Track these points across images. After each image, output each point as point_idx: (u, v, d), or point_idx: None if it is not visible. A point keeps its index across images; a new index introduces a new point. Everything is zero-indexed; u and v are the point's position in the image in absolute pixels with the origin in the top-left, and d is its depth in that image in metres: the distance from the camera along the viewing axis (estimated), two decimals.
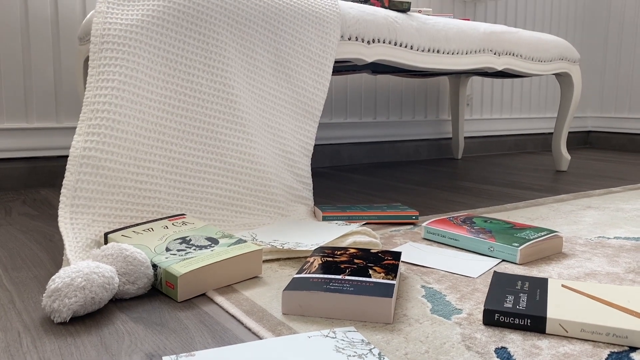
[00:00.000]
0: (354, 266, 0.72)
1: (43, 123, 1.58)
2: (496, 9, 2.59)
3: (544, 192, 1.54)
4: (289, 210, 1.13)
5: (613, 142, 2.98)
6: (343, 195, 1.47)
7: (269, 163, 1.13)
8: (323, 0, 1.25)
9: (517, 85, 2.75)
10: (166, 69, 1.03)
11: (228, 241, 0.81)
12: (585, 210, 1.27)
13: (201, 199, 1.03)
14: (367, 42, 1.32)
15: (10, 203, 1.35)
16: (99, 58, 0.98)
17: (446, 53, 1.49)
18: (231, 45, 1.10)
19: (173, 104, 1.03)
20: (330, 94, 2.12)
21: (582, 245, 0.96)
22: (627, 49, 2.89)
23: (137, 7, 1.03)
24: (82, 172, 0.90)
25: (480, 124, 2.60)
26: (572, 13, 2.92)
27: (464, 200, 1.42)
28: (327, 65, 1.23)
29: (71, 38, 1.59)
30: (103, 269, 0.66)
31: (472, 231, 0.95)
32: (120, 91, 0.96)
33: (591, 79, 3.06)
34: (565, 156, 2.00)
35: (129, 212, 0.93)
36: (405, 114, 2.34)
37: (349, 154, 2.19)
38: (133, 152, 0.95)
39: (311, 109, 1.22)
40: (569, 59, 1.89)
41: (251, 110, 1.12)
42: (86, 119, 0.94)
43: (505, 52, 1.65)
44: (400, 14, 1.40)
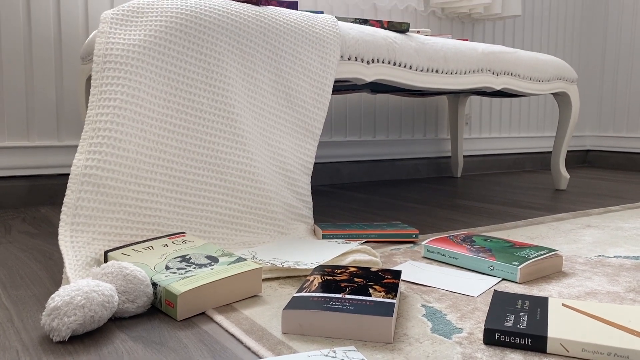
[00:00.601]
0: (354, 285, 0.72)
1: (44, 141, 1.58)
2: (494, 29, 2.62)
3: (544, 211, 1.54)
4: (289, 229, 1.13)
5: (611, 161, 2.99)
6: (343, 214, 1.48)
7: (269, 181, 1.13)
8: (323, 21, 1.26)
9: (515, 105, 2.76)
10: (168, 88, 1.04)
11: (228, 259, 0.81)
12: (585, 229, 1.27)
13: (201, 217, 1.03)
14: (367, 62, 1.33)
15: (10, 221, 1.35)
16: (101, 77, 0.99)
17: (445, 73, 1.51)
18: (232, 65, 1.11)
19: (174, 122, 1.03)
20: (330, 112, 2.13)
21: (582, 264, 0.96)
22: (624, 69, 2.92)
23: (139, 27, 1.04)
24: (83, 190, 0.90)
25: (479, 143, 2.62)
26: (569, 33, 2.95)
27: (463, 219, 1.42)
28: (327, 85, 1.24)
29: (73, 57, 1.61)
30: (103, 287, 0.65)
31: (472, 250, 0.95)
32: (122, 110, 0.97)
33: (589, 99, 3.09)
34: (564, 175, 2.01)
35: (129, 230, 0.93)
36: (404, 132, 2.36)
37: (348, 172, 2.20)
38: (134, 171, 0.96)
39: (311, 128, 1.23)
40: (566, 79, 1.91)
41: (252, 129, 1.13)
42: (88, 137, 0.94)
43: (503, 72, 1.67)
44: (399, 35, 1.42)
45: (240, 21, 1.12)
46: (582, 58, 3.04)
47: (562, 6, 2.89)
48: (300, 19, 1.23)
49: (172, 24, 1.05)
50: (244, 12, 1.14)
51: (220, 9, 1.11)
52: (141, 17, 1.06)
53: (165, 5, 1.07)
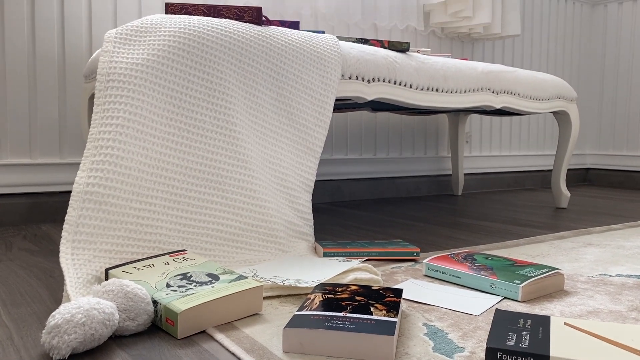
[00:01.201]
0: (355, 303, 0.71)
1: (46, 159, 1.59)
2: (493, 49, 2.64)
3: (545, 229, 1.54)
4: (290, 246, 1.13)
5: (612, 179, 3.00)
6: (344, 231, 1.47)
7: (270, 199, 1.13)
8: (324, 41, 1.28)
9: (515, 123, 2.78)
10: (170, 107, 1.04)
11: (229, 277, 0.81)
12: (586, 248, 1.27)
13: (202, 234, 1.03)
14: (368, 81, 1.34)
15: (11, 238, 1.35)
16: (104, 95, 1.00)
17: (445, 92, 1.52)
18: (234, 83, 1.12)
19: (176, 140, 1.04)
20: (331, 130, 2.14)
21: (583, 283, 0.96)
22: (623, 88, 2.94)
23: (143, 46, 1.06)
24: (84, 207, 0.90)
25: (479, 161, 2.62)
26: (568, 53, 2.97)
27: (464, 237, 1.42)
28: (328, 103, 1.25)
29: (76, 76, 1.63)
30: (103, 305, 0.65)
31: (473, 268, 0.95)
32: (124, 128, 0.97)
33: (589, 117, 3.10)
34: (565, 193, 2.01)
35: (130, 247, 0.93)
36: (405, 150, 2.36)
37: (349, 190, 2.20)
38: (136, 188, 0.96)
39: (312, 146, 1.23)
40: (566, 98, 1.92)
41: (253, 147, 1.13)
42: (90, 155, 0.95)
43: (503, 90, 1.68)
44: (400, 54, 1.43)
45: (243, 41, 1.14)
46: (582, 77, 3.06)
47: (561, 26, 2.92)
48: (301, 38, 1.24)
49: (176, 43, 1.06)
50: (246, 32, 1.15)
51: (223, 29, 1.12)
52: (145, 37, 1.07)
53: (168, 25, 1.08)
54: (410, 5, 2.21)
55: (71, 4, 1.60)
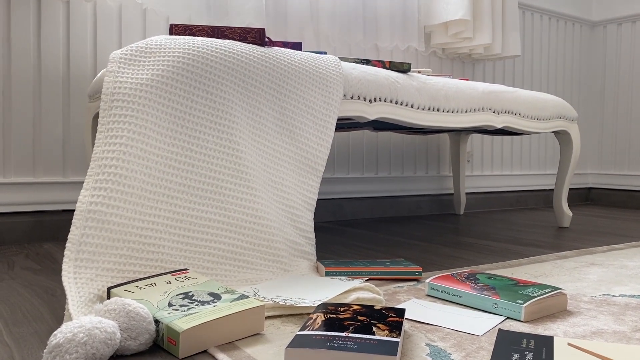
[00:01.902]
0: (357, 323, 0.71)
1: (49, 177, 1.60)
2: (494, 69, 2.66)
3: (547, 249, 1.54)
4: (292, 265, 1.13)
5: (614, 198, 2.99)
6: (346, 251, 1.47)
7: (272, 217, 1.14)
8: (326, 62, 1.29)
9: (516, 142, 2.79)
10: (174, 126, 1.05)
11: (230, 297, 0.80)
12: (589, 267, 1.27)
13: (204, 253, 1.03)
14: (369, 100, 1.35)
15: (14, 257, 1.35)
16: (108, 115, 1.01)
17: (446, 111, 1.53)
18: (237, 103, 1.13)
19: (179, 159, 1.05)
20: (333, 149, 2.15)
21: (587, 303, 0.95)
22: (624, 107, 2.95)
23: (147, 66, 1.07)
24: (87, 226, 0.90)
25: (481, 180, 2.62)
26: (569, 73, 3.00)
27: (467, 257, 1.41)
28: (330, 123, 1.26)
29: (81, 96, 1.64)
30: (105, 324, 0.65)
31: (476, 288, 0.94)
32: (128, 147, 0.98)
33: (590, 137, 3.11)
34: (567, 213, 2.01)
35: (132, 266, 0.93)
36: (406, 169, 2.37)
37: (351, 209, 2.20)
38: (138, 207, 0.97)
39: (314, 165, 1.24)
40: (567, 118, 1.93)
41: (256, 166, 1.14)
42: (94, 173, 0.96)
43: (504, 110, 1.69)
44: (401, 74, 1.45)
45: (246, 61, 1.15)
46: (582, 97, 3.08)
47: (561, 46, 2.95)
48: (304, 59, 1.25)
49: (180, 63, 1.08)
50: (249, 53, 1.16)
51: (226, 49, 1.14)
52: (149, 57, 1.09)
53: (172, 46, 1.10)
54: (411, 26, 2.24)
55: (77, 25, 1.62)
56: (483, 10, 2.28)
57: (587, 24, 3.06)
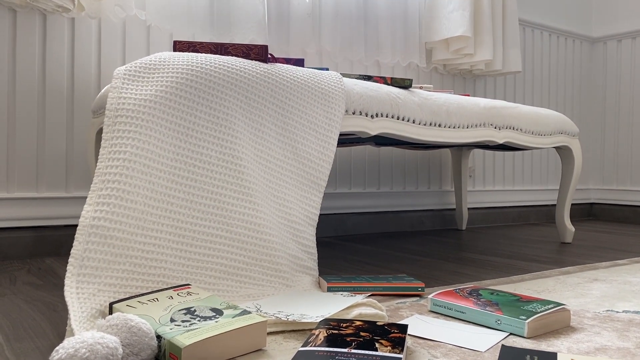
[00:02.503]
0: (360, 339, 0.71)
1: (52, 193, 1.60)
2: (495, 85, 2.68)
3: (550, 264, 1.53)
4: (294, 281, 1.13)
5: (616, 214, 2.99)
6: (348, 266, 1.47)
7: (274, 232, 1.14)
8: (329, 78, 1.30)
9: (518, 157, 2.79)
10: (177, 141, 1.06)
11: (232, 312, 0.80)
12: (592, 283, 1.26)
13: (206, 268, 1.03)
14: (371, 116, 1.36)
15: (16, 272, 1.35)
16: (112, 130, 1.01)
17: (447, 127, 1.54)
18: (240, 119, 1.14)
19: (182, 174, 1.05)
20: (335, 165, 2.16)
21: (590, 319, 0.95)
22: (625, 122, 2.96)
23: (151, 82, 1.08)
24: (90, 241, 0.91)
25: (483, 196, 2.62)
26: (569, 88, 3.01)
27: (469, 272, 1.41)
28: (332, 138, 1.27)
29: (84, 111, 1.65)
30: (107, 340, 0.65)
31: (478, 303, 0.94)
32: (131, 162, 0.99)
33: (591, 152, 3.12)
34: (570, 228, 2.00)
35: (134, 281, 0.93)
36: (408, 184, 2.37)
37: (353, 224, 2.20)
38: (141, 222, 0.97)
39: (316, 180, 1.24)
40: (568, 133, 1.93)
41: (258, 181, 1.14)
42: (97, 189, 0.96)
43: (505, 126, 1.70)
44: (403, 90, 1.46)
45: (249, 77, 1.16)
46: (583, 112, 3.09)
47: (562, 62, 2.97)
48: (306, 75, 1.27)
49: (183, 79, 1.09)
50: (252, 69, 1.18)
51: (229, 66, 1.15)
52: (153, 73, 1.10)
53: (176, 62, 1.11)
54: (413, 43, 2.26)
55: (81, 41, 1.64)
56: (484, 27, 2.30)
57: (587, 40, 3.09)
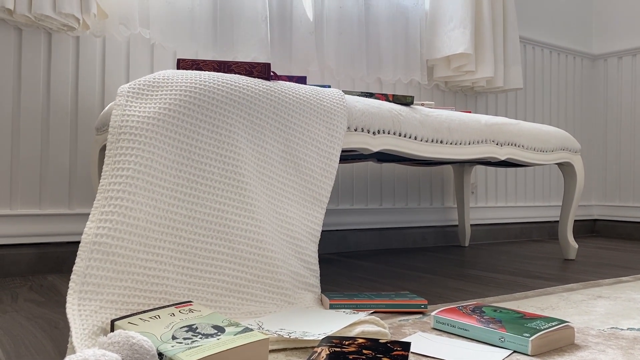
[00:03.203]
0: (362, 357, 0.70)
1: (55, 209, 1.61)
2: (497, 101, 2.69)
3: (553, 281, 1.52)
4: (296, 298, 1.13)
5: (620, 230, 2.98)
6: (350, 283, 1.46)
7: (276, 249, 1.14)
8: (331, 95, 1.31)
9: (520, 174, 2.79)
10: (180, 158, 1.07)
11: (234, 329, 0.80)
12: (596, 300, 1.25)
13: (208, 285, 1.03)
14: (373, 133, 1.37)
15: (17, 289, 1.35)
16: (115, 147, 1.02)
17: (449, 143, 1.54)
18: (243, 136, 1.15)
19: (185, 191, 1.05)
20: (337, 181, 2.16)
21: (594, 337, 0.94)
22: (627, 139, 2.96)
23: (155, 100, 1.09)
24: (92, 258, 0.91)
25: (485, 212, 2.62)
26: (571, 105, 3.02)
27: (472, 289, 1.40)
28: (334, 155, 1.27)
29: (88, 128, 1.66)
30: (109, 357, 0.65)
31: (482, 321, 0.93)
32: (134, 179, 0.99)
33: (594, 168, 3.12)
34: (573, 244, 1.99)
35: (136, 298, 0.92)
36: (410, 201, 2.37)
37: (355, 240, 2.19)
38: (143, 239, 0.97)
39: (319, 196, 1.25)
40: (570, 149, 1.94)
41: (260, 197, 1.15)
42: (100, 205, 0.96)
43: (507, 142, 1.70)
44: (404, 107, 1.46)
45: (252, 95, 1.17)
46: (585, 129, 3.09)
47: (563, 79, 2.98)
48: (308, 92, 1.27)
49: (187, 97, 1.09)
50: (255, 87, 1.19)
51: (232, 83, 1.16)
52: (157, 91, 1.11)
53: (179, 80, 1.12)
54: (414, 60, 2.27)
55: (86, 59, 1.66)
56: (485, 44, 2.31)
57: (587, 57, 3.10)
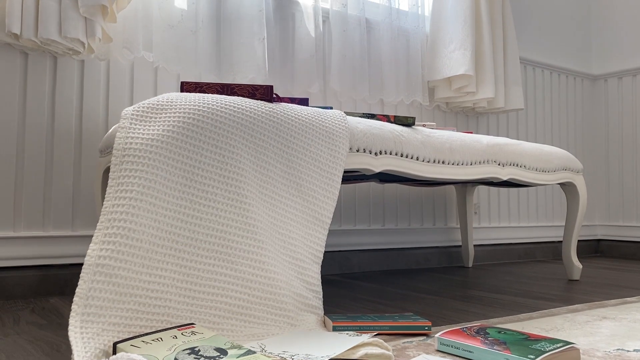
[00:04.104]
0: None
1: (59, 231, 1.61)
2: (498, 122, 2.70)
3: (558, 302, 1.51)
4: (299, 320, 1.12)
5: (624, 250, 2.96)
6: (353, 304, 1.46)
7: (279, 270, 1.13)
8: (332, 116, 1.32)
9: (523, 194, 2.79)
10: (183, 180, 1.07)
11: (237, 352, 0.80)
12: (601, 321, 1.24)
13: (211, 307, 1.03)
14: (375, 153, 1.37)
15: (19, 312, 1.35)
16: (119, 170, 1.03)
17: (451, 164, 1.55)
18: (245, 157, 1.15)
19: (187, 212, 1.06)
20: (340, 202, 2.16)
21: (600, 358, 0.93)
22: (629, 159, 2.96)
23: (158, 122, 1.10)
24: (95, 280, 0.91)
25: (488, 232, 2.61)
26: (572, 125, 3.03)
27: (476, 310, 1.39)
28: (336, 175, 1.28)
29: (92, 150, 1.68)
30: None
31: (486, 342, 0.93)
32: (137, 201, 1.00)
33: (596, 188, 3.11)
34: (577, 265, 1.98)
35: (139, 321, 0.92)
36: (413, 221, 2.37)
37: (358, 261, 2.18)
38: (146, 261, 0.97)
39: (321, 217, 1.25)
40: (572, 169, 1.94)
41: (263, 218, 1.15)
42: (103, 227, 0.97)
43: (509, 162, 1.71)
44: (406, 128, 1.47)
45: (255, 117, 1.18)
46: (586, 149, 3.10)
47: (563, 99, 3.00)
48: (310, 114, 1.29)
49: (190, 119, 1.10)
50: (257, 109, 1.20)
51: (235, 106, 1.17)
52: (160, 114, 1.12)
53: (183, 103, 1.13)
54: (415, 81, 2.29)
55: (90, 83, 1.68)
56: (485, 66, 2.34)
57: (588, 77, 3.13)
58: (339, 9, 2.11)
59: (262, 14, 1.85)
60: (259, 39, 1.84)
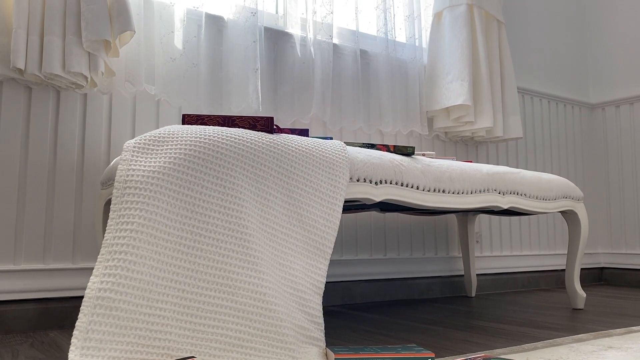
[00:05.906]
0: None
1: (59, 264, 1.61)
2: (497, 151, 2.72)
3: (562, 331, 1.49)
4: (300, 352, 1.11)
5: (628, 278, 2.94)
6: (356, 336, 1.44)
7: (280, 302, 1.13)
8: (332, 146, 1.33)
9: (525, 222, 2.78)
10: (184, 211, 1.07)
11: None
12: (607, 351, 1.23)
13: (211, 340, 1.02)
14: (375, 183, 1.38)
15: (18, 346, 1.33)
16: (120, 202, 1.03)
17: (451, 193, 1.55)
18: (246, 188, 1.16)
19: (188, 244, 1.06)
20: (341, 231, 2.16)
21: None
22: (629, 186, 2.97)
23: (160, 154, 1.11)
24: (95, 313, 0.90)
25: (491, 261, 2.60)
26: (571, 153, 3.05)
27: (480, 341, 1.38)
28: (337, 205, 1.28)
29: (93, 183, 1.68)
30: None
31: None
32: (138, 233, 1.00)
33: (598, 216, 3.11)
34: (580, 293, 1.97)
35: (138, 354, 0.91)
36: (415, 250, 2.36)
37: (360, 292, 2.17)
38: (146, 293, 0.97)
39: (322, 247, 1.25)
40: (572, 197, 1.94)
41: (264, 249, 1.15)
42: (104, 260, 0.97)
43: (509, 191, 1.71)
44: (405, 157, 1.48)
45: (255, 148, 1.19)
46: (586, 177, 3.11)
47: (562, 128, 3.02)
48: (311, 144, 1.30)
49: (191, 151, 1.11)
50: (258, 140, 1.21)
51: (236, 137, 1.18)
52: (162, 146, 1.13)
53: (185, 135, 1.14)
54: (414, 112, 2.32)
55: (93, 116, 1.69)
56: (483, 96, 2.36)
57: (586, 106, 3.16)
58: (336, 41, 2.15)
59: (256, 45, 1.88)
60: (253, 69, 1.87)
